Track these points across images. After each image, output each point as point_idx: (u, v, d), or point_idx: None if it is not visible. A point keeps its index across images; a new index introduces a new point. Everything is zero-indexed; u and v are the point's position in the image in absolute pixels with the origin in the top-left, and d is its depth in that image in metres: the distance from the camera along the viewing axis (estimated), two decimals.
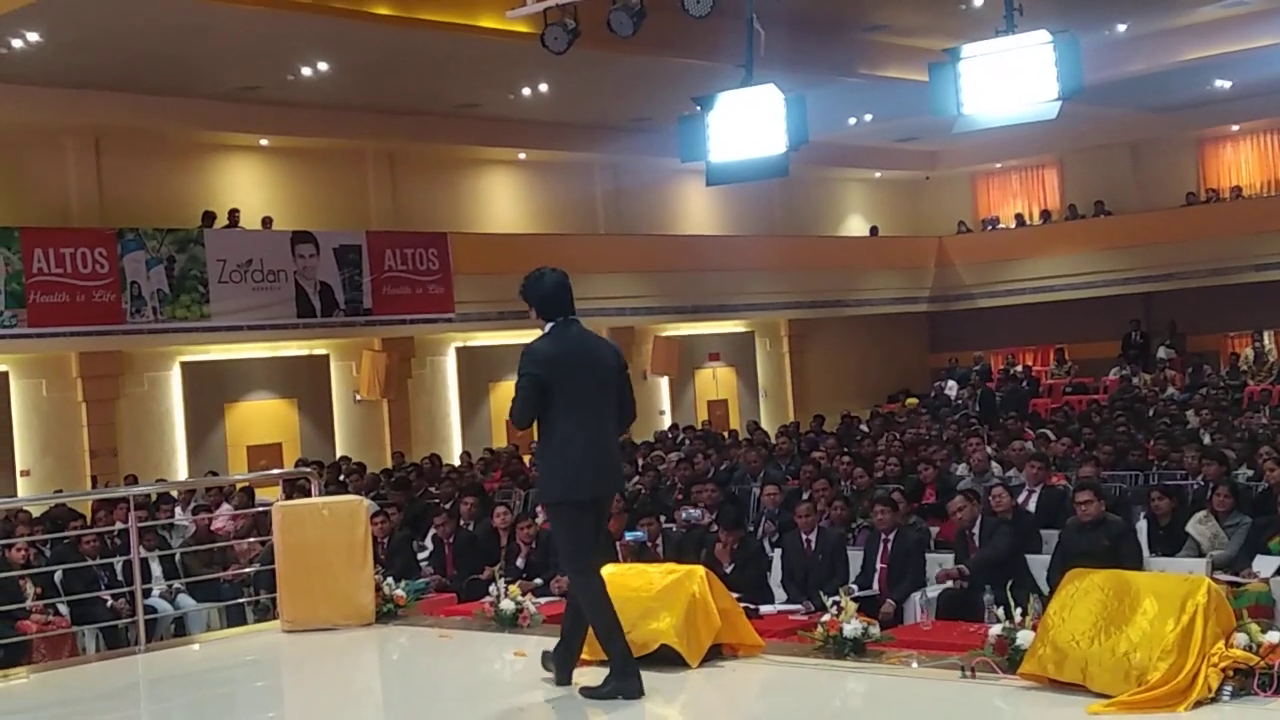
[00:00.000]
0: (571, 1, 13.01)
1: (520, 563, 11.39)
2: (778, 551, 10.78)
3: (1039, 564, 9.77)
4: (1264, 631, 5.84)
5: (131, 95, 19.23)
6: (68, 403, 18.82)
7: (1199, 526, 10.47)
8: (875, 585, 10.01)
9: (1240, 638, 5.81)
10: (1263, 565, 9.80)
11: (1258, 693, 5.67)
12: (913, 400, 26.67)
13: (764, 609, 9.26)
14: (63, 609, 11.37)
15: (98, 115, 19.43)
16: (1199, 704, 5.62)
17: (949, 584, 9.76)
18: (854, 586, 9.13)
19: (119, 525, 12.10)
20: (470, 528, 12.59)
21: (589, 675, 6.84)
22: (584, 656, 7.19)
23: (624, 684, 6.60)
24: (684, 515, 12.34)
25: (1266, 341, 25.10)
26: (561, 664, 6.95)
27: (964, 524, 10.25)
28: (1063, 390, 25.80)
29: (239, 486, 15.47)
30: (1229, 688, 5.70)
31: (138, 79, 18.66)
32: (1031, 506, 11.59)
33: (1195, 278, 25.98)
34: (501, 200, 25.11)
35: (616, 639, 6.67)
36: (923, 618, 9.11)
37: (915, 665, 6.83)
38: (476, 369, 23.04)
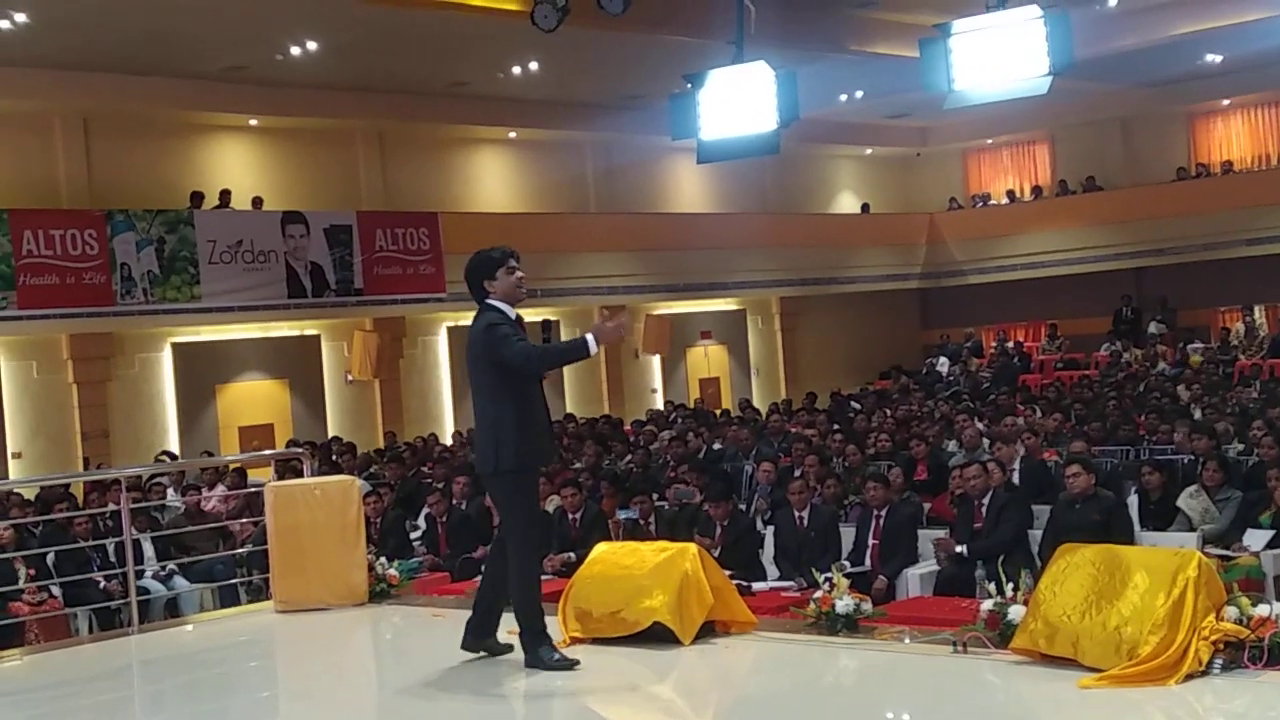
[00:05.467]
0: None
1: None
2: (770, 528, 10.79)
3: (1031, 539, 9.81)
4: (1254, 605, 5.86)
5: (120, 76, 19.18)
6: (59, 385, 18.78)
7: (1190, 501, 10.49)
8: (868, 561, 10.03)
9: (1231, 611, 5.83)
10: (1253, 539, 9.83)
11: (1248, 666, 5.69)
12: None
13: (756, 586, 9.27)
14: (55, 591, 11.37)
15: (86, 96, 19.38)
16: (1189, 677, 5.65)
17: (943, 556, 9.78)
18: (846, 563, 9.12)
19: (111, 507, 12.09)
20: (463, 507, 12.60)
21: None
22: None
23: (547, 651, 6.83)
24: (676, 493, 12.35)
25: (1257, 316, 25.14)
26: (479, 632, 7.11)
27: (975, 492, 10.24)
28: (1054, 366, 25.82)
29: (231, 467, 15.46)
30: (1219, 661, 5.72)
31: (126, 60, 18.60)
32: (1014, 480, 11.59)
33: (1186, 253, 26.04)
34: (492, 179, 25.06)
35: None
36: None
37: (907, 641, 6.84)
38: None
